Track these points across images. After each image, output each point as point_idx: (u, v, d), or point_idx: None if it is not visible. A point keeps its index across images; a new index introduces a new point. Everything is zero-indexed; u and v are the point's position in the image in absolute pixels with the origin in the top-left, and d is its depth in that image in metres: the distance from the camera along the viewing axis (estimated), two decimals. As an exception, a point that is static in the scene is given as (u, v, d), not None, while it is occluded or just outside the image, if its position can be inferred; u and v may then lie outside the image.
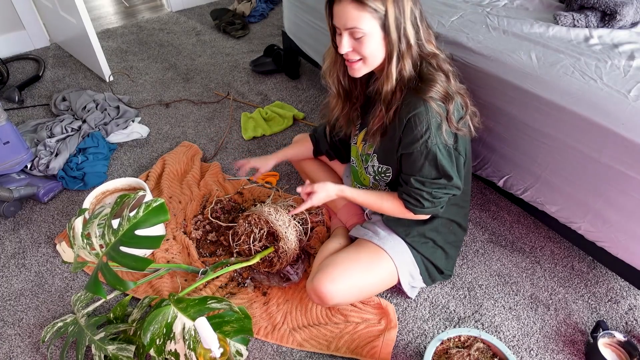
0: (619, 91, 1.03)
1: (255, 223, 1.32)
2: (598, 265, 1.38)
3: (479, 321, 1.24)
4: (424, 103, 0.95)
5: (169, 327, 1.01)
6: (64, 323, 1.17)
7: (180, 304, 1.05)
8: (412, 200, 1.08)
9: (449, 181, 1.04)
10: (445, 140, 0.99)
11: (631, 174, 1.01)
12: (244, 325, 1.06)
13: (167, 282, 1.32)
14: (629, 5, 1.25)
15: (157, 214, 1.00)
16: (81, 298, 1.21)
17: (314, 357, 1.17)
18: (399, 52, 0.96)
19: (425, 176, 1.04)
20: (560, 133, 1.12)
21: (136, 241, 1.00)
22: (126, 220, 1.00)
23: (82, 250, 1.08)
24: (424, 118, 0.96)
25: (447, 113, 0.97)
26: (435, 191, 1.05)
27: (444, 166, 1.01)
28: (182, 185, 1.66)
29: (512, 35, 1.27)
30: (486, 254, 1.42)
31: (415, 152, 1.01)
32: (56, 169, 1.66)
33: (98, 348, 1.06)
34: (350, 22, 0.94)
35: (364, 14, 0.92)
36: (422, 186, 1.05)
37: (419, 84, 0.98)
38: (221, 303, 1.04)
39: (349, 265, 1.14)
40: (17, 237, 1.52)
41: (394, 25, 0.93)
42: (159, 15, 3.05)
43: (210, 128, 2.00)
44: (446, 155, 1.01)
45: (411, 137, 0.99)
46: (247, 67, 2.43)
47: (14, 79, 2.33)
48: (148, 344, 0.99)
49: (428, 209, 1.09)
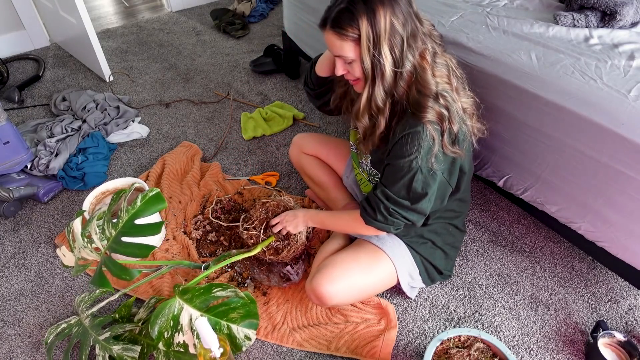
0: (619, 91, 1.03)
1: (273, 210, 1.34)
2: (598, 265, 1.38)
3: (479, 321, 1.24)
4: (422, 125, 0.93)
5: (175, 320, 1.02)
6: (67, 324, 1.16)
7: (185, 295, 1.06)
8: (368, 208, 1.07)
9: (413, 204, 1.01)
10: (431, 165, 0.96)
11: (631, 174, 1.01)
12: (250, 310, 1.08)
13: (168, 282, 1.32)
14: (629, 5, 1.25)
15: (155, 202, 1.03)
16: (85, 299, 1.21)
17: (314, 357, 1.17)
18: (373, 78, 0.94)
19: (394, 192, 1.02)
20: (560, 133, 1.12)
21: (137, 230, 1.02)
22: (125, 212, 1.02)
23: (84, 250, 1.08)
24: (416, 139, 0.94)
25: (441, 137, 0.95)
26: (394, 209, 1.03)
27: (416, 188, 0.99)
28: (182, 185, 1.66)
29: (512, 35, 1.27)
30: (486, 254, 1.42)
31: (396, 166, 0.99)
32: (56, 169, 1.66)
33: (102, 348, 1.06)
34: (335, 50, 0.96)
35: (345, 43, 0.92)
36: (384, 199, 1.03)
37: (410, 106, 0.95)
38: (226, 290, 1.06)
39: (348, 265, 1.14)
40: (17, 237, 1.52)
41: (367, 53, 0.91)
42: (159, 15, 3.05)
43: (210, 128, 2.00)
44: (423, 180, 0.98)
45: (399, 152, 0.97)
46: (247, 67, 2.43)
47: (14, 79, 2.33)
48: (156, 337, 1.00)
49: (380, 223, 1.06)
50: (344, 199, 1.42)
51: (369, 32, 0.89)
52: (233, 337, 1.08)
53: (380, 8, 0.88)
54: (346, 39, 0.91)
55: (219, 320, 1.07)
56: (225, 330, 1.07)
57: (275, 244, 1.29)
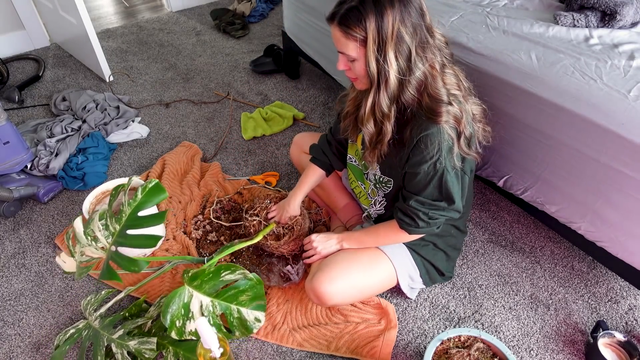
0: (619, 91, 1.03)
1: (276, 202, 1.38)
2: (598, 265, 1.38)
3: (479, 321, 1.24)
4: (437, 126, 0.94)
5: (186, 307, 1.03)
6: (76, 329, 1.15)
7: (194, 281, 1.06)
8: (407, 219, 1.07)
9: (450, 204, 1.03)
10: (454, 164, 0.97)
11: (631, 174, 1.01)
12: (258, 292, 1.10)
13: (169, 282, 1.32)
14: (629, 5, 1.25)
15: (156, 193, 1.03)
16: (91, 301, 1.20)
17: (314, 357, 1.17)
18: (378, 84, 0.94)
19: (426, 197, 1.02)
20: (560, 133, 1.12)
21: (142, 221, 1.02)
22: (127, 205, 1.02)
23: (88, 248, 1.07)
24: (435, 139, 0.94)
25: (457, 137, 0.96)
26: (433, 212, 1.03)
27: (449, 189, 1.00)
28: (182, 185, 1.66)
29: (512, 35, 1.27)
30: (486, 254, 1.42)
31: (421, 173, 0.99)
32: (56, 169, 1.66)
33: (119, 346, 1.05)
34: (339, 46, 0.95)
35: (350, 42, 0.92)
36: (421, 206, 1.03)
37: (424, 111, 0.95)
38: (235, 273, 1.07)
39: (348, 265, 1.14)
40: (17, 237, 1.52)
41: (373, 57, 0.91)
42: (159, 15, 3.05)
43: (210, 128, 2.00)
44: (454, 178, 0.99)
45: (420, 157, 0.97)
46: (247, 67, 2.43)
47: (14, 79, 2.33)
48: (169, 326, 1.01)
49: (423, 228, 1.07)
50: (344, 199, 1.42)
51: (376, 35, 0.89)
52: (244, 320, 1.09)
53: (389, 13, 0.87)
54: (351, 38, 0.91)
55: (229, 305, 1.08)
56: (235, 314, 1.09)
57: (277, 230, 1.31)
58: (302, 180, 1.34)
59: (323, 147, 1.32)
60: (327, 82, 2.28)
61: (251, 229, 1.34)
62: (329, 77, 2.02)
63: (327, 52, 1.84)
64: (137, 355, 1.03)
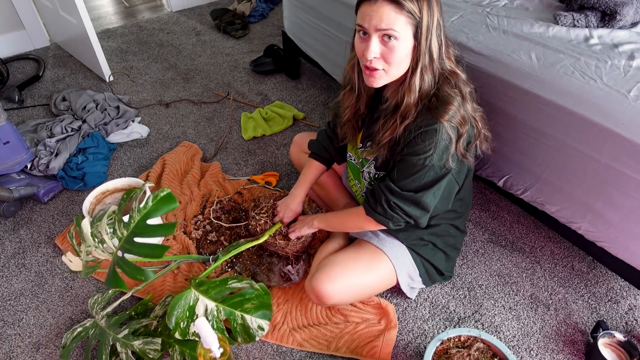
0: (619, 91, 1.03)
1: None
2: (598, 265, 1.38)
3: (479, 321, 1.24)
4: (438, 123, 0.93)
5: (191, 310, 1.05)
6: (83, 327, 1.16)
7: (201, 287, 1.08)
8: (371, 199, 1.07)
9: (418, 194, 1.01)
10: (446, 164, 0.97)
11: (631, 174, 1.01)
12: (264, 301, 1.11)
13: (170, 282, 1.33)
14: (629, 5, 1.25)
15: (167, 202, 1.01)
16: (98, 300, 1.21)
17: (314, 357, 1.17)
18: (424, 64, 0.93)
19: (399, 186, 1.02)
20: (560, 133, 1.12)
21: (149, 230, 1.01)
22: (136, 212, 1.01)
23: (95, 250, 1.07)
24: (433, 137, 0.94)
25: (457, 137, 0.95)
26: (395, 202, 1.02)
27: (426, 182, 0.99)
28: (182, 185, 1.66)
29: (512, 35, 1.27)
30: (486, 254, 1.42)
31: (409, 163, 0.99)
32: (56, 169, 1.66)
33: (123, 345, 1.06)
34: (384, 23, 0.88)
35: (400, 17, 0.88)
36: (388, 193, 1.03)
37: (436, 102, 0.95)
38: (242, 282, 1.08)
39: (348, 265, 1.14)
40: (17, 237, 1.52)
41: (425, 34, 0.91)
42: (159, 15, 3.05)
43: (210, 128, 2.00)
44: (433, 176, 0.99)
45: (413, 149, 0.97)
46: (247, 67, 2.43)
47: (14, 79, 2.33)
48: (173, 327, 1.02)
49: (378, 215, 1.06)
50: (344, 199, 1.42)
51: (428, 17, 0.90)
52: (247, 327, 1.10)
53: (435, 3, 0.90)
54: (403, 12, 0.88)
55: (234, 311, 1.09)
56: (239, 321, 1.09)
57: (284, 230, 1.32)
58: (302, 177, 1.34)
59: (324, 143, 1.32)
60: (327, 82, 2.28)
61: (257, 228, 1.34)
62: (329, 77, 2.02)
63: (327, 52, 1.84)
64: (142, 355, 1.04)
